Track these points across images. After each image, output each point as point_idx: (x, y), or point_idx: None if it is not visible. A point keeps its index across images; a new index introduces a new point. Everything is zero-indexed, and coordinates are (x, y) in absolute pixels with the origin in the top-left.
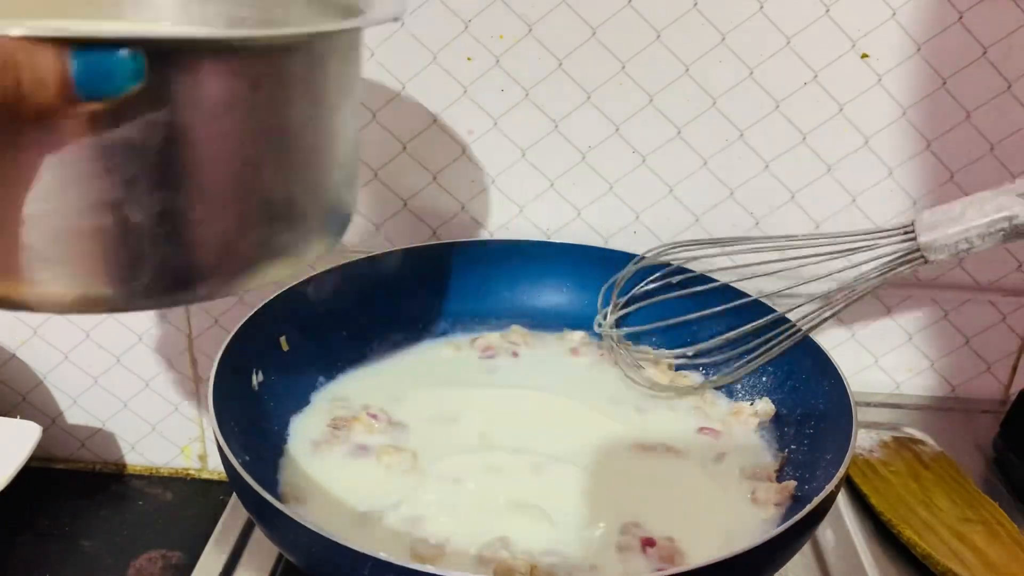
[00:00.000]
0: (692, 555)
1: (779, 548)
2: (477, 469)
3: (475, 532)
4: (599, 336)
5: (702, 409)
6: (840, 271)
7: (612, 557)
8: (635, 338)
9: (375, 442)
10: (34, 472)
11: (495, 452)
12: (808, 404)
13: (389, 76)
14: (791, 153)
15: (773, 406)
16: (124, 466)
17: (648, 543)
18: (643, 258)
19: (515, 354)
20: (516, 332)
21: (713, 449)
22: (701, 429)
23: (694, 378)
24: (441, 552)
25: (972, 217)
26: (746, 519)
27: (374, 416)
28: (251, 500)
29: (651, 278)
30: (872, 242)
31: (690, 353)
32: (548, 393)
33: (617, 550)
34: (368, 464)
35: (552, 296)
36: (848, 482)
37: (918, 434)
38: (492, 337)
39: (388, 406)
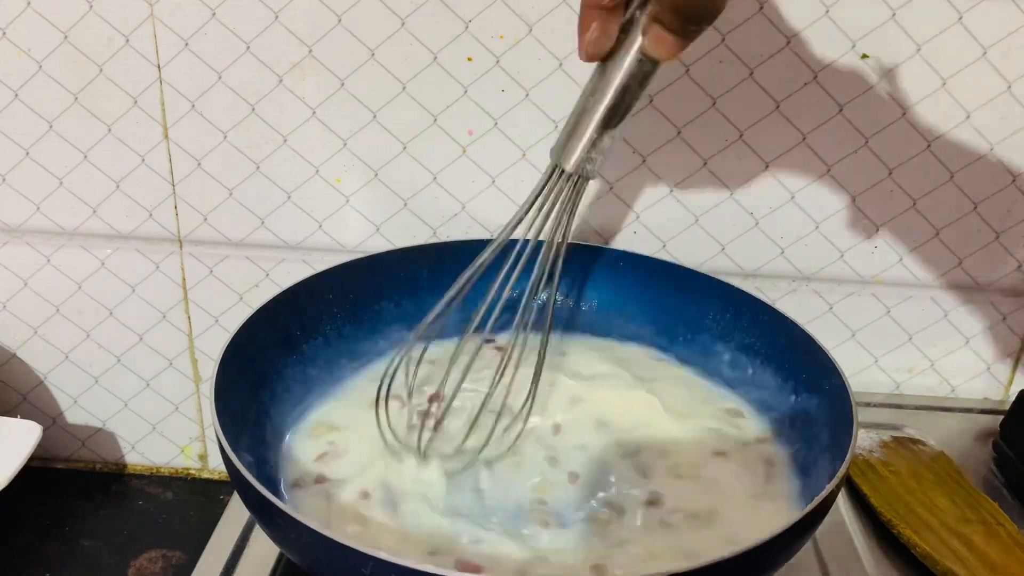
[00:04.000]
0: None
1: (779, 548)
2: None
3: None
4: None
5: None
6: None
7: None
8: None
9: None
10: (34, 472)
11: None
12: (808, 404)
13: (389, 76)
14: (791, 153)
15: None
16: (124, 466)
17: None
18: None
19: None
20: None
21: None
22: None
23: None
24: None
25: (586, 122)
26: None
27: None
28: (252, 499)
29: None
30: (539, 202)
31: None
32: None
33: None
34: None
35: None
36: (848, 482)
37: (918, 434)
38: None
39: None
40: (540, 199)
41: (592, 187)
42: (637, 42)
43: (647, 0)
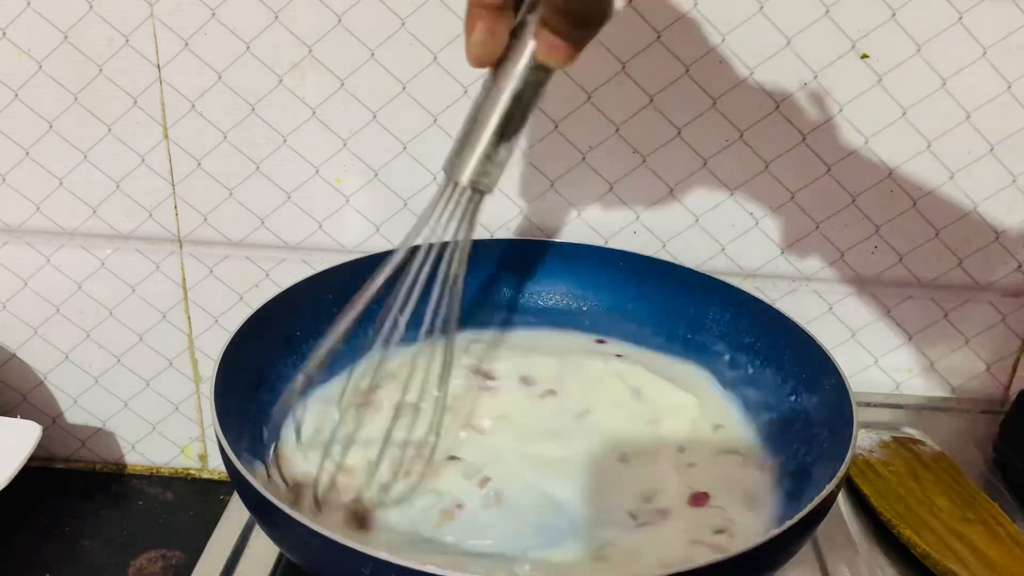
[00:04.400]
0: None
1: (779, 548)
2: (481, 462)
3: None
4: None
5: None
6: None
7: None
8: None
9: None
10: (34, 472)
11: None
12: (808, 404)
13: (389, 76)
14: (791, 153)
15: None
16: (124, 466)
17: None
18: None
19: None
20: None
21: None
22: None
23: None
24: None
25: (480, 133)
26: None
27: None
28: (252, 499)
29: None
30: (436, 210)
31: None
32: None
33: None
34: None
35: (552, 296)
36: (848, 482)
37: (918, 434)
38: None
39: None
40: (436, 214)
41: (592, 187)
42: (529, 47)
43: (536, 3)
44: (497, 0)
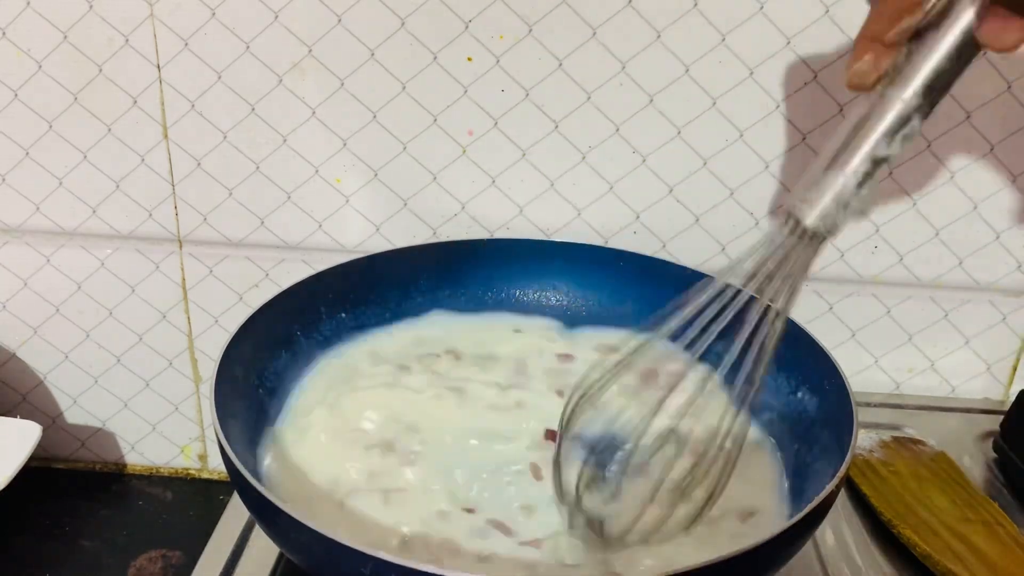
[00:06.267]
0: None
1: (779, 548)
2: (477, 465)
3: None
4: None
5: None
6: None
7: None
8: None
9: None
10: (34, 472)
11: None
12: (808, 404)
13: (389, 76)
14: (791, 153)
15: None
16: (124, 466)
17: None
18: None
19: None
20: None
21: None
22: None
23: None
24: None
25: (837, 177)
26: None
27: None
28: (252, 499)
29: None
30: (769, 253)
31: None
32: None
33: None
34: None
35: (552, 295)
36: (848, 482)
37: (918, 434)
38: None
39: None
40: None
41: (592, 187)
42: (962, 23)
43: None
44: (892, 38)
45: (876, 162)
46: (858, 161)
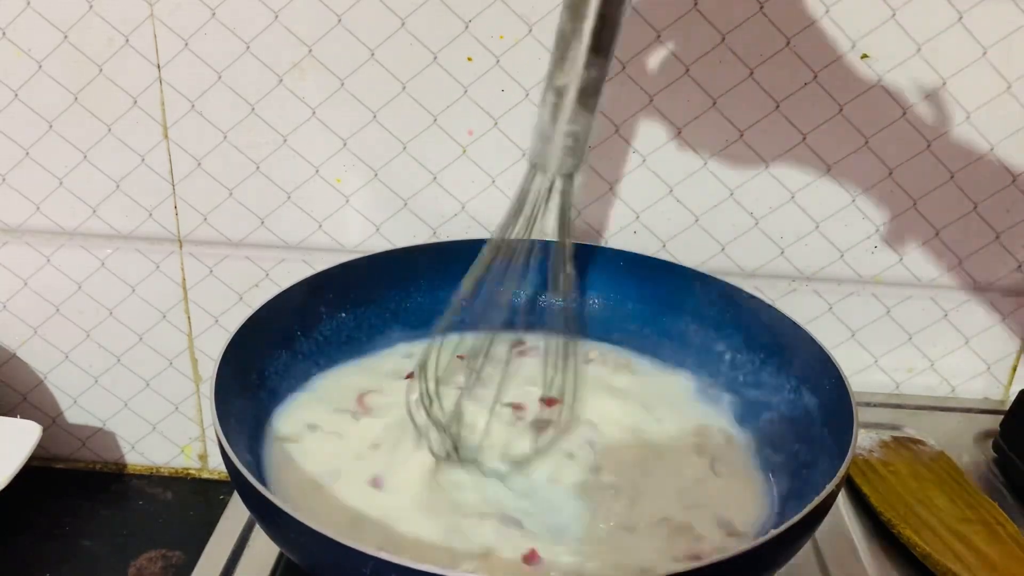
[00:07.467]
0: None
1: (779, 548)
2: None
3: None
4: None
5: None
6: None
7: None
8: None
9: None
10: (34, 472)
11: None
12: (808, 404)
13: (389, 76)
14: (791, 153)
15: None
16: (124, 466)
17: None
18: None
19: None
20: None
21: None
22: None
23: None
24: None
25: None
26: None
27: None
28: (252, 499)
29: None
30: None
31: None
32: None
33: None
34: None
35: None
36: (848, 482)
37: (918, 434)
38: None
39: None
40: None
41: (592, 187)
42: None
43: None
44: None
45: (559, 91)
46: (547, 94)
